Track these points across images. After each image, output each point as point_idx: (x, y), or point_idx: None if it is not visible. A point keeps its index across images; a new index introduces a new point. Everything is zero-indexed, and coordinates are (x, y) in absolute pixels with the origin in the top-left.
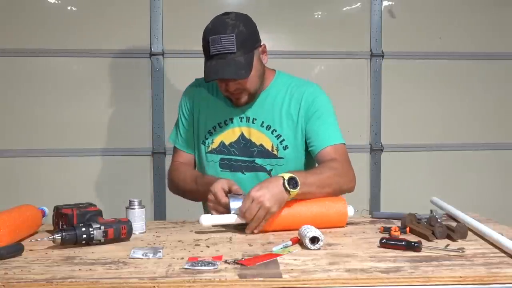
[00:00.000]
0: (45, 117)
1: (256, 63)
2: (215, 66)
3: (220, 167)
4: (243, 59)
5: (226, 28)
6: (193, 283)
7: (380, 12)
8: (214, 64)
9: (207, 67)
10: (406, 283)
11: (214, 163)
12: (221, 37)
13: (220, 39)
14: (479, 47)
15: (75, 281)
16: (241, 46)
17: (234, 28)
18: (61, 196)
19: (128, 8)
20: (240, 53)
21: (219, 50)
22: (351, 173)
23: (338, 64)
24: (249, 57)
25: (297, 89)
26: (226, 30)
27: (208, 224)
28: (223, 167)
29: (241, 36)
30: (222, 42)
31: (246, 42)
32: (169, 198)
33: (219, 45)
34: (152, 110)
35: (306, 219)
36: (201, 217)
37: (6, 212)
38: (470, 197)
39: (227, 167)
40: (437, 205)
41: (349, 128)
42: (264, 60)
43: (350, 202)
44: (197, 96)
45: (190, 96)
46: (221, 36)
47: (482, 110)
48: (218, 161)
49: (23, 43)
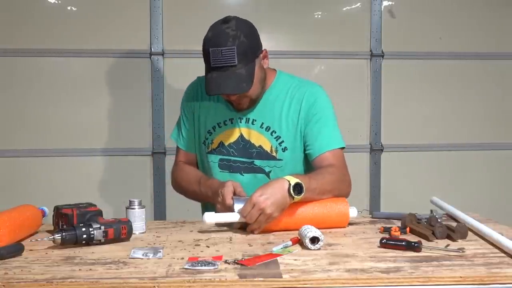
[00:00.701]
0: (45, 117)
1: (257, 71)
2: (217, 80)
3: (219, 168)
4: (244, 71)
5: (227, 40)
6: (193, 283)
7: (380, 12)
8: (215, 76)
9: (208, 80)
10: (406, 283)
11: (214, 163)
12: (222, 50)
13: (221, 52)
14: (479, 47)
15: (75, 281)
16: (242, 58)
17: (234, 40)
18: (61, 196)
19: (128, 8)
20: (241, 65)
21: (220, 63)
22: (348, 179)
23: (338, 64)
24: (251, 67)
25: (298, 90)
26: (227, 42)
27: (211, 222)
28: (222, 167)
29: (242, 48)
30: (222, 54)
31: (247, 53)
32: (169, 198)
33: (220, 58)
34: (152, 110)
35: (308, 220)
36: (204, 215)
37: (6, 212)
38: (470, 197)
39: (226, 168)
40: (437, 205)
41: (349, 128)
42: (265, 65)
43: (350, 202)
44: (199, 95)
45: (192, 94)
46: (222, 48)
47: (481, 110)
48: (217, 161)
49: (23, 43)
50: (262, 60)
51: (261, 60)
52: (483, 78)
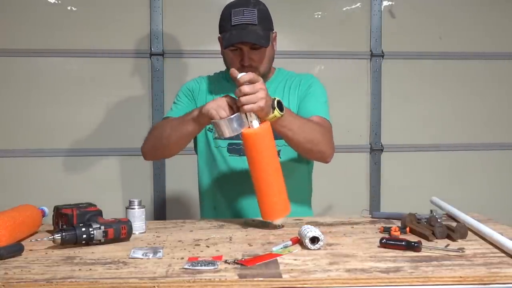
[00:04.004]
0: (45, 117)
1: (269, 47)
2: (237, 34)
3: (228, 152)
4: (262, 32)
5: (249, 3)
6: (193, 283)
7: (380, 12)
8: (235, 33)
9: (228, 35)
10: (406, 283)
11: (222, 148)
12: (244, 10)
13: (243, 11)
14: (479, 47)
15: (75, 281)
16: (261, 21)
17: (256, 5)
18: (61, 196)
19: (128, 8)
20: (260, 27)
21: (241, 21)
22: (331, 142)
23: (338, 64)
24: (268, 33)
25: (296, 78)
26: (249, 5)
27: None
28: (231, 152)
29: (262, 13)
30: (244, 14)
31: (266, 20)
32: (169, 198)
33: (242, 16)
34: (152, 110)
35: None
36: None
37: (6, 212)
38: (470, 197)
39: (235, 152)
40: (437, 205)
41: (349, 128)
42: (275, 47)
43: (350, 201)
44: (202, 86)
45: (195, 84)
46: (244, 8)
47: (482, 110)
48: (226, 146)
49: (23, 43)
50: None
51: (273, 38)
52: (483, 78)
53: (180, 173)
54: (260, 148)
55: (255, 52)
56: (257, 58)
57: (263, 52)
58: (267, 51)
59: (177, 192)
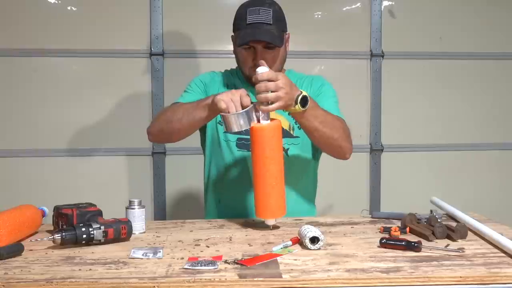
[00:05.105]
0: (45, 117)
1: (282, 48)
2: (251, 33)
3: (237, 147)
4: (276, 32)
5: (264, 3)
6: (193, 283)
7: (380, 12)
8: (249, 31)
9: (243, 33)
10: (406, 283)
11: (231, 142)
12: (260, 9)
13: (258, 10)
14: (479, 47)
15: (75, 281)
16: (276, 21)
17: (271, 6)
18: (61, 196)
19: (128, 8)
20: (275, 27)
21: (256, 20)
22: (350, 140)
23: (338, 64)
24: (282, 34)
25: (306, 79)
26: (264, 5)
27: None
28: (240, 146)
29: (277, 14)
30: (260, 13)
31: (281, 20)
32: (169, 198)
33: (257, 15)
34: (152, 110)
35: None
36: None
37: (6, 212)
38: (470, 197)
39: (244, 147)
40: (437, 205)
41: (349, 128)
42: (287, 48)
43: (351, 200)
44: (216, 79)
45: (209, 76)
46: (260, 8)
47: (482, 110)
48: (235, 140)
49: (23, 43)
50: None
51: (286, 39)
52: (483, 78)
53: (180, 173)
54: (265, 145)
55: (268, 51)
56: (270, 57)
57: (276, 52)
58: (280, 51)
59: (177, 192)
